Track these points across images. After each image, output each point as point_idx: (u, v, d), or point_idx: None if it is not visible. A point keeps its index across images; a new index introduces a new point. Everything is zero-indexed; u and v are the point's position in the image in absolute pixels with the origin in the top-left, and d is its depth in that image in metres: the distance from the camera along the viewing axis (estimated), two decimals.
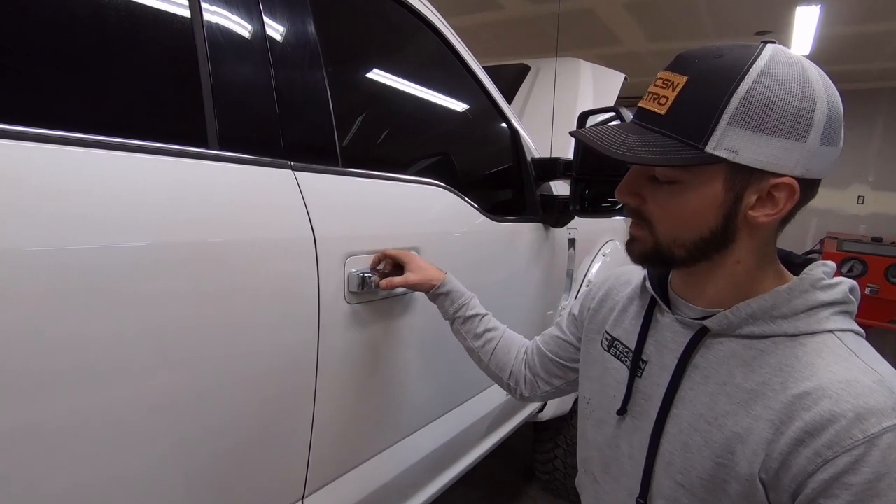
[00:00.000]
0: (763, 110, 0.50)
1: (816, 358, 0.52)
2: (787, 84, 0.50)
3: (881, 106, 6.33)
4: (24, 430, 0.48)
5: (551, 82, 2.20)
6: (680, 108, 0.53)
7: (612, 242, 2.03)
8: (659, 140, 0.53)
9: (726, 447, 0.54)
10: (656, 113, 0.54)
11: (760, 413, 0.53)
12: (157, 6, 0.65)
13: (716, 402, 0.56)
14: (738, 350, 0.56)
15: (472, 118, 1.42)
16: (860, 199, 6.53)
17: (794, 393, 0.51)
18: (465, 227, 1.16)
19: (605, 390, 0.71)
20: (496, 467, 2.23)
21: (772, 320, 0.55)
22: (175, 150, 0.62)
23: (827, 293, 0.55)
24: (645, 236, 0.59)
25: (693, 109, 0.52)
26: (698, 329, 0.59)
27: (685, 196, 0.55)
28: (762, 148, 0.50)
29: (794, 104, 0.50)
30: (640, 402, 0.65)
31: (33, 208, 0.48)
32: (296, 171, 0.76)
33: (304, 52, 0.82)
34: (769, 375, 0.53)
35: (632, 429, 0.65)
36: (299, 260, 0.74)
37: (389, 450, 1.00)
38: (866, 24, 4.31)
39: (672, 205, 0.56)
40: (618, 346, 0.71)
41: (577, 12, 4.37)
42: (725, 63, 0.52)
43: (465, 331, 0.93)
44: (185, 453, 0.63)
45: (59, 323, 0.49)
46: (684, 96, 0.52)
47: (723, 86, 0.51)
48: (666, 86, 0.54)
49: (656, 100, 0.54)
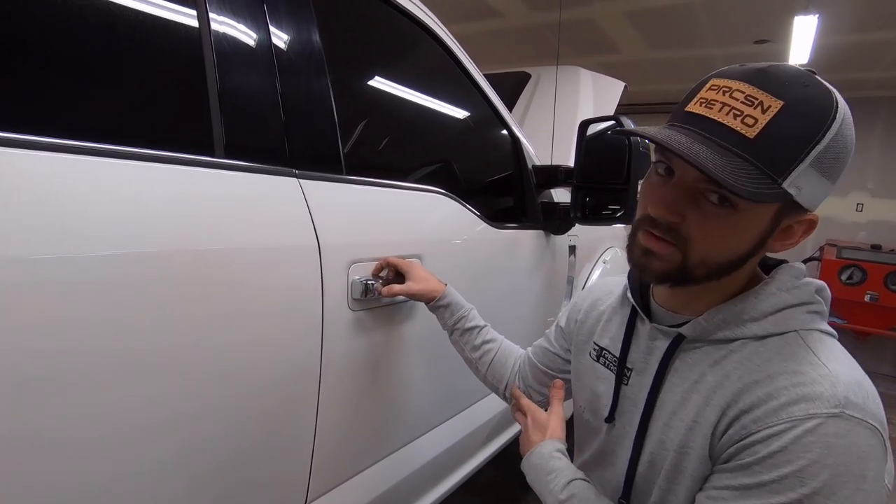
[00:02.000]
0: (837, 157, 0.50)
1: (774, 354, 0.54)
2: (850, 132, 0.51)
3: (880, 114, 6.35)
4: (27, 436, 0.49)
5: (552, 90, 2.22)
6: (772, 136, 0.48)
7: (612, 249, 2.04)
8: (744, 167, 0.48)
9: (688, 436, 0.58)
10: (742, 135, 0.49)
11: (716, 401, 0.56)
12: (165, 16, 0.66)
13: (687, 400, 0.59)
14: (711, 352, 0.59)
15: (474, 126, 1.43)
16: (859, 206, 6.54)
17: (745, 382, 0.54)
18: (466, 235, 1.17)
19: (598, 399, 0.72)
20: (497, 474, 2.23)
21: (742, 324, 0.57)
22: (182, 159, 0.63)
23: (792, 294, 0.57)
24: (672, 254, 0.56)
25: (785, 141, 0.49)
26: (675, 336, 0.61)
27: (737, 222, 0.53)
28: (819, 189, 0.51)
29: (848, 149, 0.50)
30: (628, 408, 0.67)
31: (40, 216, 0.49)
32: (300, 179, 0.77)
33: (309, 61, 0.83)
34: (731, 369, 0.56)
35: (620, 434, 0.68)
36: (303, 267, 0.75)
37: (391, 456, 1.00)
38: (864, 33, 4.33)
39: (719, 227, 0.53)
40: (606, 355, 0.73)
41: (577, 21, 4.40)
42: (816, 96, 0.49)
43: (463, 342, 0.94)
44: (188, 459, 0.63)
45: (63, 330, 0.50)
46: (779, 124, 0.48)
47: (819, 124, 0.48)
48: (751, 103, 0.49)
49: (739, 118, 0.49)
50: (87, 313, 0.51)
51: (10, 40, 0.52)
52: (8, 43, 0.52)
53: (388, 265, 0.89)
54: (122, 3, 0.61)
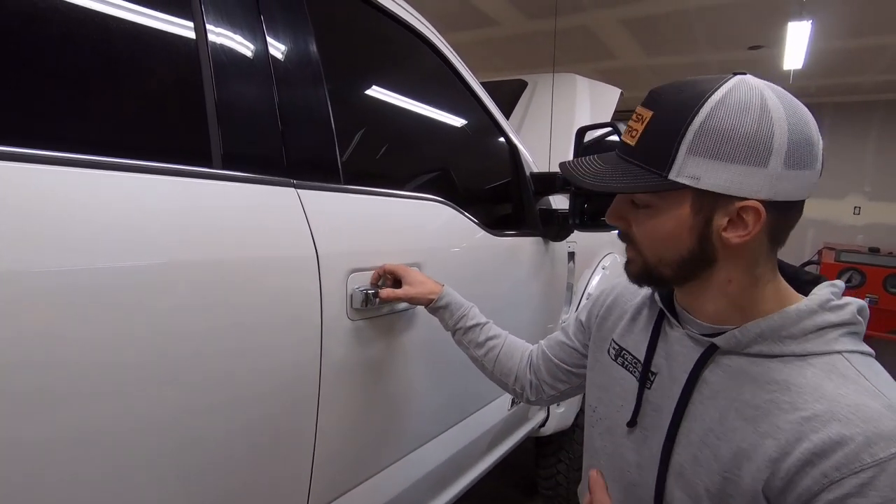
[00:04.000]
0: (718, 139, 0.53)
1: (825, 380, 0.53)
2: (742, 113, 0.53)
3: (875, 118, 6.40)
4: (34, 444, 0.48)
5: (548, 97, 2.23)
6: (646, 139, 0.58)
7: (611, 255, 2.04)
8: (629, 169, 0.58)
9: (733, 462, 0.55)
10: (629, 144, 0.59)
11: (767, 430, 0.53)
12: (161, 27, 0.66)
13: (725, 418, 0.57)
14: (747, 367, 0.57)
15: (471, 134, 1.44)
16: (856, 209, 6.57)
17: (803, 415, 0.51)
18: (465, 242, 1.16)
19: (613, 399, 0.72)
20: (499, 483, 2.21)
21: (780, 340, 0.56)
22: (180, 171, 0.63)
23: (836, 314, 0.56)
24: (635, 257, 0.64)
25: (656, 140, 0.57)
26: (708, 346, 0.60)
27: (658, 219, 0.59)
28: (721, 174, 0.54)
29: (750, 132, 0.52)
30: (650, 412, 0.66)
31: (37, 230, 0.48)
32: (298, 189, 0.76)
33: (306, 71, 0.83)
34: (777, 394, 0.54)
35: (641, 439, 0.66)
36: (302, 277, 0.74)
37: (391, 467, 0.99)
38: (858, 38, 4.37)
39: (648, 227, 0.60)
40: (626, 356, 0.72)
41: (573, 28, 4.43)
42: (685, 97, 0.56)
43: (466, 341, 0.94)
44: (186, 470, 0.63)
45: (60, 341, 0.50)
46: (649, 128, 0.57)
47: (680, 118, 0.55)
48: (637, 119, 0.59)
49: (629, 133, 0.60)
50: (84, 325, 0.51)
51: (5, 51, 0.52)
52: (4, 54, 0.52)
53: (385, 273, 0.88)
54: (118, 14, 0.61)
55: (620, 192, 0.60)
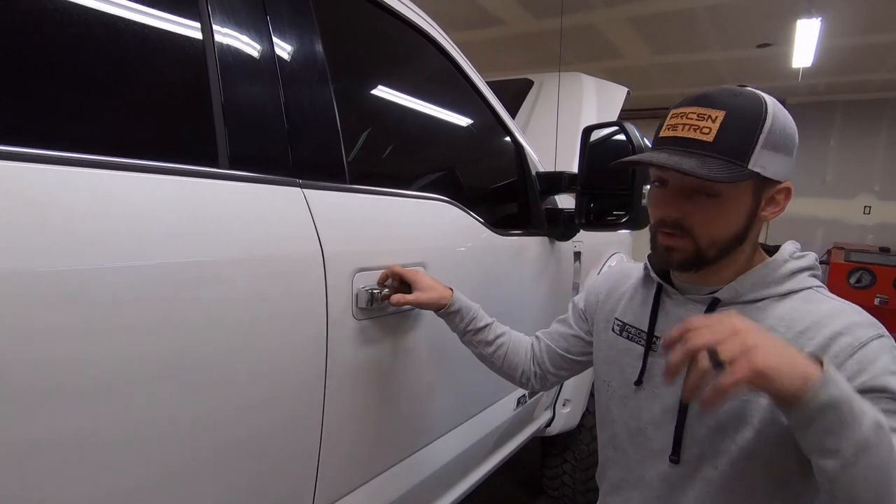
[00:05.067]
0: (780, 135, 0.66)
1: (807, 304, 0.68)
2: (785, 116, 0.67)
3: (885, 116, 6.32)
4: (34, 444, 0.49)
5: (554, 97, 2.22)
6: (725, 136, 0.64)
7: (617, 255, 2.03)
8: (712, 162, 0.64)
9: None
10: (703, 140, 0.65)
11: None
12: (169, 28, 0.66)
13: None
14: (744, 312, 0.66)
15: (477, 133, 1.43)
16: (866, 209, 6.49)
17: (796, 330, 0.66)
18: (470, 242, 1.16)
19: (624, 370, 0.81)
20: (504, 483, 2.21)
21: (766, 286, 0.70)
22: (187, 170, 0.63)
23: (801, 261, 0.72)
24: (685, 245, 0.70)
25: (736, 136, 0.64)
26: (710, 301, 0.72)
27: (726, 206, 0.68)
28: (778, 163, 0.66)
29: (791, 129, 0.68)
30: (658, 373, 0.76)
31: (45, 230, 0.49)
32: (304, 188, 0.77)
33: (312, 71, 0.84)
34: (773, 324, 0.67)
35: (650, 398, 0.77)
36: (308, 276, 0.75)
37: (397, 466, 1.00)
38: (868, 35, 4.32)
39: (713, 213, 0.68)
40: (629, 329, 0.82)
41: (579, 27, 4.42)
42: (745, 100, 0.66)
43: (476, 341, 0.97)
44: (191, 469, 0.63)
45: (64, 341, 0.50)
46: (727, 126, 0.64)
47: (755, 117, 0.65)
48: (703, 118, 0.66)
49: (697, 130, 0.65)
50: (90, 325, 0.51)
51: (13, 51, 0.52)
52: (11, 54, 0.52)
53: (392, 275, 0.89)
54: (126, 15, 0.62)
55: (724, 182, 0.64)
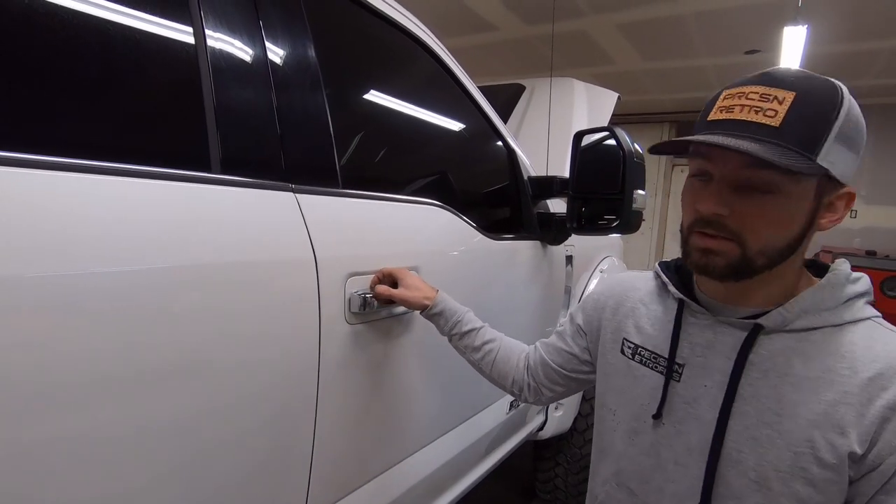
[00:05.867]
0: (854, 129, 0.56)
1: (871, 342, 0.57)
2: (858, 108, 0.57)
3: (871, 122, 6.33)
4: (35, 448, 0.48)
5: (546, 101, 2.23)
6: (793, 121, 0.54)
7: (609, 259, 2.04)
8: (779, 151, 0.54)
9: (802, 436, 0.56)
10: (768, 125, 0.55)
11: (836, 398, 0.55)
12: (160, 32, 0.66)
13: (782, 394, 0.58)
14: (791, 343, 0.59)
15: (469, 138, 1.44)
16: (853, 213, 6.58)
17: (866, 376, 0.55)
18: (463, 246, 1.17)
19: (636, 400, 0.71)
20: (497, 487, 2.21)
21: (818, 313, 0.59)
22: (179, 175, 0.63)
23: (857, 285, 0.60)
24: (730, 249, 0.59)
25: (807, 122, 0.54)
26: (752, 328, 0.61)
27: (783, 204, 0.57)
28: (847, 162, 0.56)
29: (863, 125, 0.57)
30: (680, 406, 0.65)
31: (35, 235, 0.48)
32: (297, 193, 0.77)
33: (304, 76, 0.84)
34: (832, 362, 0.57)
35: (673, 434, 0.66)
36: (301, 281, 0.74)
37: (390, 471, 0.99)
38: (853, 42, 4.39)
39: (767, 212, 0.57)
40: (643, 352, 0.71)
41: (570, 33, 4.45)
42: (820, 84, 0.56)
43: (462, 346, 0.94)
44: (185, 475, 0.63)
45: (63, 346, 0.50)
46: (797, 110, 0.54)
47: (830, 103, 0.55)
48: (767, 99, 0.55)
49: (761, 112, 0.55)
50: (82, 330, 0.51)
51: (5, 56, 0.52)
52: (3, 58, 0.52)
53: (384, 276, 0.89)
54: (117, 19, 0.61)
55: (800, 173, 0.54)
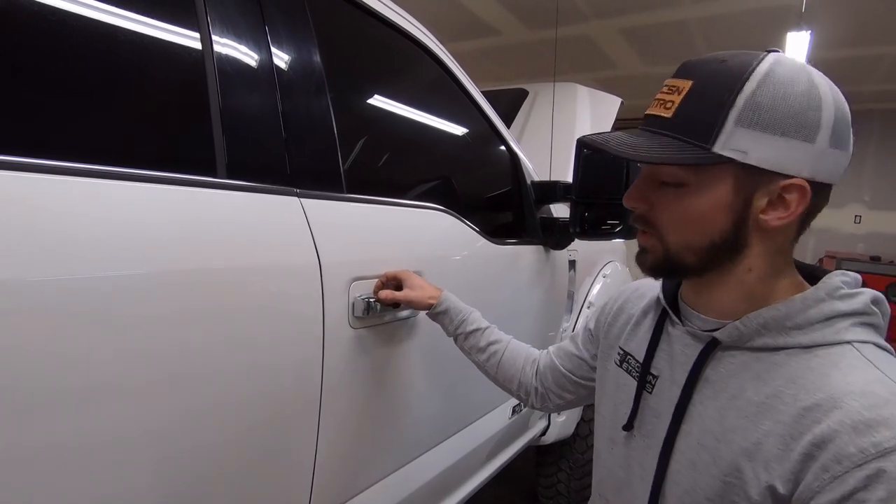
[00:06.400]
0: (769, 111, 0.50)
1: (831, 369, 0.49)
2: (791, 85, 0.50)
3: (874, 127, 6.41)
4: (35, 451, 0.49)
5: (549, 106, 2.24)
6: (686, 110, 0.53)
7: (612, 264, 2.04)
8: (666, 142, 0.53)
9: (733, 465, 0.52)
10: (662, 117, 0.54)
11: (770, 428, 0.50)
12: (167, 38, 0.67)
13: (724, 417, 0.54)
14: (751, 363, 0.54)
15: (472, 143, 1.44)
16: (857, 218, 6.57)
17: (804, 405, 0.48)
18: (466, 251, 1.17)
19: (618, 408, 0.68)
20: (499, 492, 2.20)
21: (785, 331, 0.52)
22: (185, 180, 0.63)
23: (846, 303, 0.52)
24: (655, 245, 0.58)
25: (699, 110, 0.52)
26: (709, 341, 0.57)
27: (693, 198, 0.54)
28: (770, 148, 0.50)
29: (801, 104, 0.50)
30: (650, 419, 0.63)
31: (42, 240, 0.49)
32: (301, 197, 0.77)
33: (309, 81, 0.84)
34: (781, 387, 0.51)
35: (642, 447, 0.63)
36: (305, 285, 0.75)
37: (393, 475, 0.99)
38: (856, 48, 4.40)
39: (679, 207, 0.55)
40: (629, 360, 0.69)
41: (573, 38, 4.46)
42: (730, 66, 0.52)
43: (468, 346, 0.93)
44: (188, 480, 0.63)
45: (66, 350, 0.50)
46: (690, 98, 0.52)
47: (728, 86, 0.51)
48: (671, 91, 0.54)
49: (662, 105, 0.55)
50: (87, 334, 0.51)
51: (9, 58, 0.52)
52: (8, 60, 0.52)
53: (387, 280, 0.89)
54: (124, 24, 0.62)
55: (662, 163, 0.53)
